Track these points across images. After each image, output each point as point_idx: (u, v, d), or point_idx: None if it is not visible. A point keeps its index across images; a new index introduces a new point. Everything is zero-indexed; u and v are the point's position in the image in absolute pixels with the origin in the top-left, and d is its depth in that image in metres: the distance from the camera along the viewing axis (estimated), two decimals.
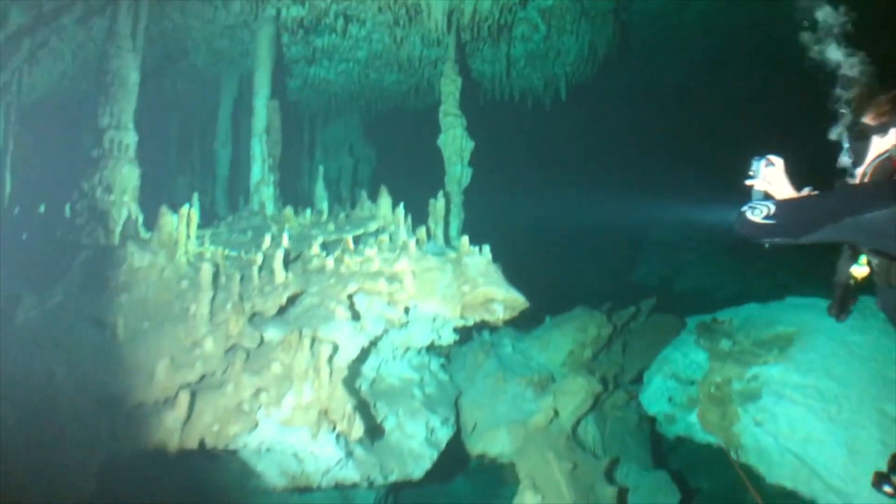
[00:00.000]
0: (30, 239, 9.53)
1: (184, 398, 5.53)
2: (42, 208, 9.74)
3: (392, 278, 6.47)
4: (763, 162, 2.61)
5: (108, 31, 8.03)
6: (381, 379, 7.46)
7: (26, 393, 5.71)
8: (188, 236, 6.61)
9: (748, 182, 2.62)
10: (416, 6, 9.34)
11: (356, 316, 6.28)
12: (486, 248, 7.56)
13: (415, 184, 10.48)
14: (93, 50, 10.29)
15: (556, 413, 8.09)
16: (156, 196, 8.02)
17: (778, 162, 2.60)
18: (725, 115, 17.75)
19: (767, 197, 2.55)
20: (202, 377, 5.85)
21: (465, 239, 7.43)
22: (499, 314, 6.92)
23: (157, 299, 6.30)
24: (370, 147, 15.14)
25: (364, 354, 6.43)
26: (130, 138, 7.52)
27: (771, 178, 2.59)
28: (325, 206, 8.42)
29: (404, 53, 11.62)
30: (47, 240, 9.53)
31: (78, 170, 7.70)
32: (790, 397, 6.90)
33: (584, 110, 15.79)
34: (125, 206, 7.26)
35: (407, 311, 6.50)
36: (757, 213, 2.25)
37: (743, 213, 2.29)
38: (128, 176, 7.31)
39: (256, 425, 5.67)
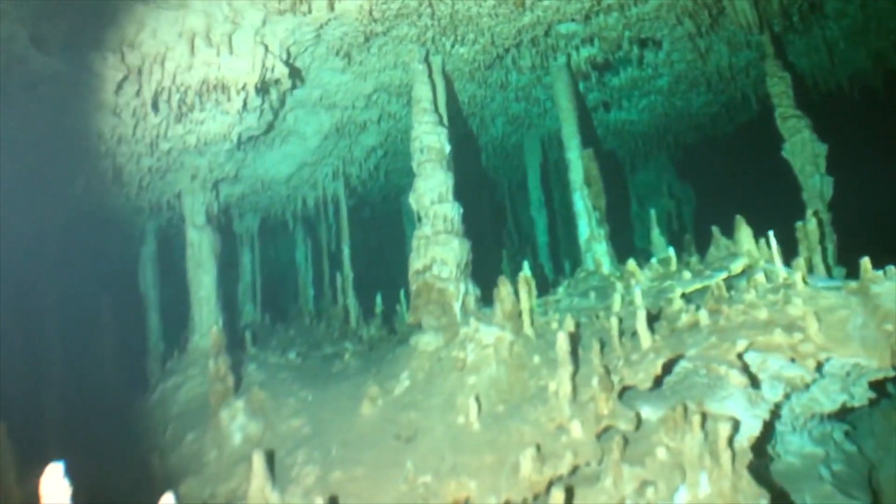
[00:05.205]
0: (370, 329, 9.84)
1: (558, 496, 4.63)
2: (378, 298, 10.02)
3: (790, 326, 5.02)
4: None
5: (410, 106, 8.12)
6: (776, 457, 5.93)
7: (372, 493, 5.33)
8: (531, 306, 5.91)
9: None
10: (719, 4, 8.12)
11: (752, 380, 4.93)
12: (893, 270, 5.73)
13: (749, 213, 8.92)
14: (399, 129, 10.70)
15: None
16: (482, 270, 7.58)
17: None
18: None
19: None
20: (574, 469, 4.93)
21: (866, 261, 5.69)
22: None
23: (510, 378, 5.62)
24: (686, 185, 13.71)
25: (766, 429, 5.01)
26: (455, 211, 7.22)
27: None
28: (671, 252, 7.24)
29: (712, 66, 10.33)
30: (388, 329, 9.77)
31: (404, 250, 7.57)
32: None
33: None
34: (461, 281, 6.85)
35: (819, 366, 4.97)
36: None
37: None
38: (459, 250, 6.94)
39: None
